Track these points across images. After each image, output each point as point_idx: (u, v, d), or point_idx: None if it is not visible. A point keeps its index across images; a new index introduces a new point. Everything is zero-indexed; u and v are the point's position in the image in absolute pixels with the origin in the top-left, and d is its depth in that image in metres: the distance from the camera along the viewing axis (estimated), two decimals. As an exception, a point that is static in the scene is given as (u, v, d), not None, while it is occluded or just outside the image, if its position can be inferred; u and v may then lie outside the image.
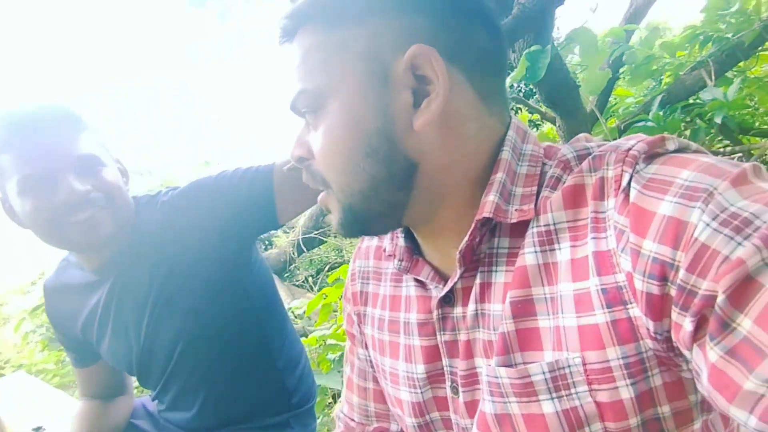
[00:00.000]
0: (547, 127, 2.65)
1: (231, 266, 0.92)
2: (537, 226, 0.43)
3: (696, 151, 0.40)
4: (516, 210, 0.44)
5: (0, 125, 0.78)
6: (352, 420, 0.66)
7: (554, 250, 0.42)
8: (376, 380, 0.63)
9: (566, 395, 0.40)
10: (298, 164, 0.50)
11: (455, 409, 0.50)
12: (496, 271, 0.45)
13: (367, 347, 0.62)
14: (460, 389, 0.48)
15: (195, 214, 0.88)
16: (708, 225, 0.33)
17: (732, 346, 0.30)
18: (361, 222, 0.47)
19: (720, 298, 0.31)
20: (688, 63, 2.31)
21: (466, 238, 0.44)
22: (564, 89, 1.28)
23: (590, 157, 0.43)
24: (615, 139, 1.51)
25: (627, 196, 0.38)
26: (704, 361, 0.32)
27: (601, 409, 0.39)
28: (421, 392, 0.52)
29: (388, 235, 0.57)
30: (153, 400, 1.06)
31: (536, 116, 2.43)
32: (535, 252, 0.43)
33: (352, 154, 0.44)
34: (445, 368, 0.50)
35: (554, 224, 0.43)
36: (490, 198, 0.44)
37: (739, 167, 0.35)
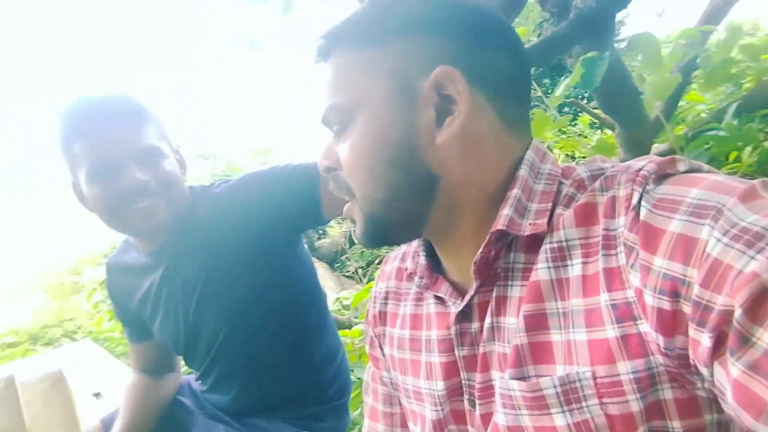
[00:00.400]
0: (605, 133, 2.53)
1: (276, 259, 0.95)
2: (550, 243, 0.44)
3: (708, 172, 0.40)
4: (530, 224, 0.45)
5: (73, 114, 0.84)
6: None
7: (567, 266, 0.43)
8: (401, 404, 0.64)
9: (577, 408, 0.40)
10: (325, 174, 0.53)
11: (472, 422, 0.50)
12: (512, 285, 0.47)
13: (389, 369, 0.63)
14: (477, 402, 0.49)
15: (244, 207, 0.92)
16: (719, 240, 0.33)
17: (754, 360, 0.30)
18: (382, 231, 0.50)
19: (737, 312, 0.31)
20: (773, 67, 2.13)
21: (481, 250, 0.46)
22: (624, 96, 1.22)
23: (602, 177, 0.44)
24: (681, 148, 1.43)
25: (637, 214, 0.39)
26: (727, 378, 0.32)
27: (612, 422, 0.39)
28: (442, 408, 0.52)
29: (410, 255, 0.58)
30: (197, 380, 1.13)
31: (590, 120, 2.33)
32: (548, 267, 0.44)
33: (375, 164, 0.47)
34: (463, 382, 0.51)
35: (566, 241, 0.44)
36: (505, 212, 0.45)
37: (748, 183, 0.35)
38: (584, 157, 2.36)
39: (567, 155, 3.33)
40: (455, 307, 0.50)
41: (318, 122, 0.52)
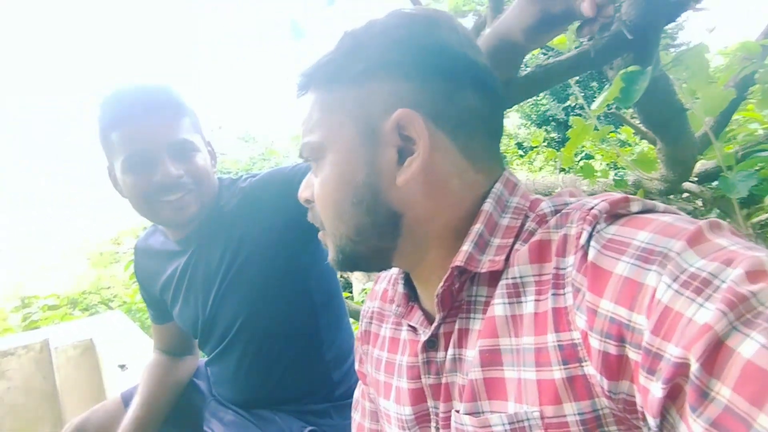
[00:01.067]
0: (646, 146, 2.44)
1: (294, 255, 0.97)
2: (506, 278, 0.45)
3: (664, 212, 0.40)
4: (489, 260, 0.46)
5: (113, 103, 0.87)
6: None
7: (521, 302, 0.44)
8: None
9: None
10: (305, 205, 0.56)
11: None
12: (473, 318, 0.48)
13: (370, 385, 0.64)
14: (441, 430, 0.50)
15: (267, 203, 0.95)
16: (669, 287, 0.33)
17: (715, 417, 0.29)
18: (351, 261, 0.52)
19: (695, 367, 0.30)
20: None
21: (442, 284, 0.47)
22: (666, 113, 1.17)
23: (558, 214, 0.45)
24: (729, 167, 1.35)
25: (585, 254, 0.39)
26: (656, 411, 0.32)
27: None
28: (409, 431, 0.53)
29: (392, 281, 0.60)
30: (206, 365, 1.16)
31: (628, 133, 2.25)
32: (504, 303, 0.44)
33: (340, 203, 0.49)
34: (430, 409, 0.51)
35: (521, 277, 0.44)
36: (465, 248, 0.46)
37: (695, 225, 0.35)
38: (623, 168, 2.28)
39: (608, 165, 3.23)
40: (424, 335, 0.51)
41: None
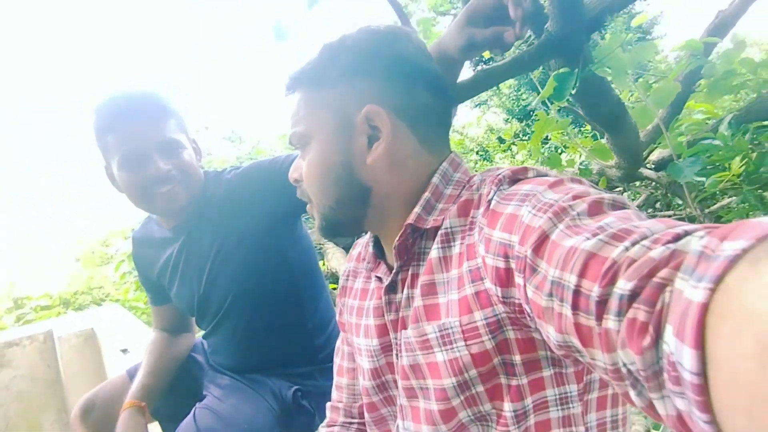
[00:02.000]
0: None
1: (276, 237, 1.11)
2: (442, 229, 0.58)
3: (548, 176, 0.52)
4: (432, 219, 0.60)
5: (106, 110, 0.99)
6: (340, 402, 0.79)
7: (451, 246, 0.57)
8: None
9: (450, 348, 0.54)
10: (294, 184, 0.69)
11: (397, 370, 0.64)
12: (421, 264, 0.60)
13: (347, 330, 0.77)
14: (398, 355, 0.63)
15: (250, 192, 1.08)
16: (529, 212, 0.45)
17: (537, 283, 0.41)
18: (333, 227, 0.65)
19: (528, 252, 0.43)
20: (775, 80, 2.17)
21: (398, 238, 0.60)
22: (605, 106, 1.33)
23: (480, 180, 0.59)
24: (679, 154, 1.53)
25: (489, 204, 0.52)
26: (526, 299, 0.44)
27: (474, 358, 0.52)
28: (377, 359, 0.67)
29: (365, 244, 0.74)
30: (204, 338, 1.29)
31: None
32: (438, 248, 0.58)
33: (323, 180, 0.63)
34: (392, 341, 0.65)
35: (450, 228, 0.57)
36: (416, 210, 0.60)
37: (561, 177, 0.50)
38: (584, 160, 2.45)
39: (577, 155, 3.40)
40: (386, 281, 0.64)
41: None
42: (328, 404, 0.83)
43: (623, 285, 0.32)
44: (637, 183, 2.77)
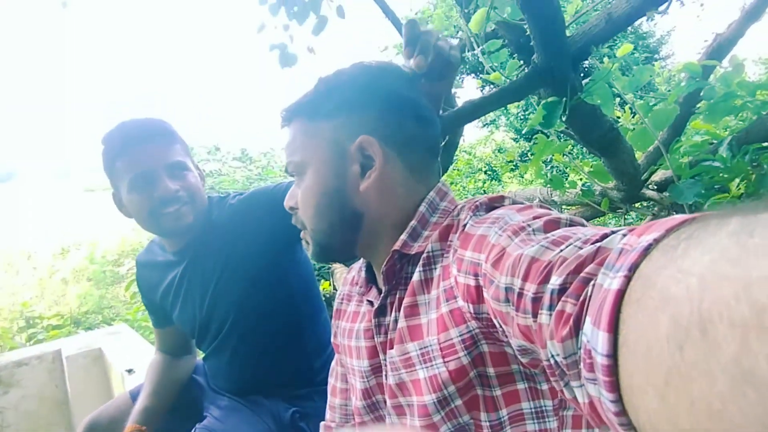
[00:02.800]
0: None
1: (276, 262, 1.14)
2: (425, 254, 0.61)
3: (521, 203, 0.56)
4: (418, 245, 0.62)
5: (115, 138, 1.05)
6: (333, 422, 0.81)
7: (432, 269, 0.60)
8: None
9: (430, 366, 0.56)
10: (290, 212, 0.72)
11: (386, 390, 0.66)
12: (407, 288, 0.63)
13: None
14: (387, 374, 0.65)
15: (252, 218, 1.12)
16: (495, 233, 0.49)
17: (492, 293, 0.45)
18: (326, 252, 0.69)
19: (487, 267, 0.47)
20: (775, 102, 2.18)
21: (385, 263, 0.63)
22: (597, 131, 1.36)
23: (460, 207, 0.62)
24: (679, 176, 1.55)
25: (464, 228, 0.56)
26: (493, 312, 0.47)
27: (452, 375, 0.54)
28: (368, 380, 0.69)
29: (358, 270, 0.77)
30: (204, 360, 1.31)
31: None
32: (420, 271, 0.61)
33: (318, 206, 0.66)
34: (382, 362, 0.67)
35: (432, 251, 0.60)
36: (402, 237, 0.63)
37: (530, 204, 0.54)
38: (586, 182, 2.47)
39: (579, 177, 3.42)
40: (376, 305, 0.67)
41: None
42: (322, 424, 0.85)
43: (554, 281, 0.35)
44: (641, 204, 2.78)
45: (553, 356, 0.35)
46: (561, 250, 0.38)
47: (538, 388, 0.55)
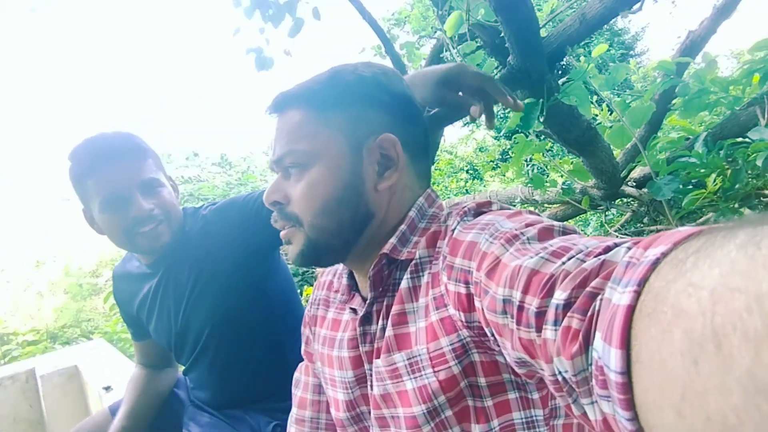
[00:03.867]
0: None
1: (252, 270, 1.11)
2: (413, 261, 0.60)
3: (508, 209, 0.56)
4: (407, 251, 0.61)
5: (84, 155, 0.99)
6: None
7: (420, 276, 0.59)
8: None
9: (419, 376, 0.55)
10: (271, 207, 0.65)
11: (371, 401, 0.64)
12: (395, 295, 0.61)
13: (316, 361, 0.77)
14: (372, 384, 0.63)
15: (226, 227, 1.09)
16: (486, 240, 0.48)
17: (487, 303, 0.44)
18: (317, 254, 0.63)
19: (481, 276, 0.46)
20: (746, 97, 2.23)
21: (373, 267, 0.61)
22: (575, 131, 1.36)
23: (447, 213, 0.62)
24: (657, 172, 1.56)
25: (452, 234, 0.55)
26: (486, 322, 0.46)
27: (442, 385, 0.53)
28: (352, 391, 0.67)
29: (337, 274, 0.74)
30: (184, 374, 1.28)
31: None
32: (407, 278, 0.59)
33: (328, 201, 0.60)
34: (367, 372, 0.65)
35: (420, 259, 0.59)
36: (392, 240, 0.61)
37: (519, 210, 0.53)
38: (567, 180, 2.49)
39: (560, 175, 3.46)
40: (361, 313, 0.65)
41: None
42: None
43: (559, 295, 0.35)
44: (621, 200, 2.81)
45: (560, 372, 0.34)
46: (563, 263, 0.37)
47: (529, 398, 0.54)
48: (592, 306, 0.31)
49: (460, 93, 0.78)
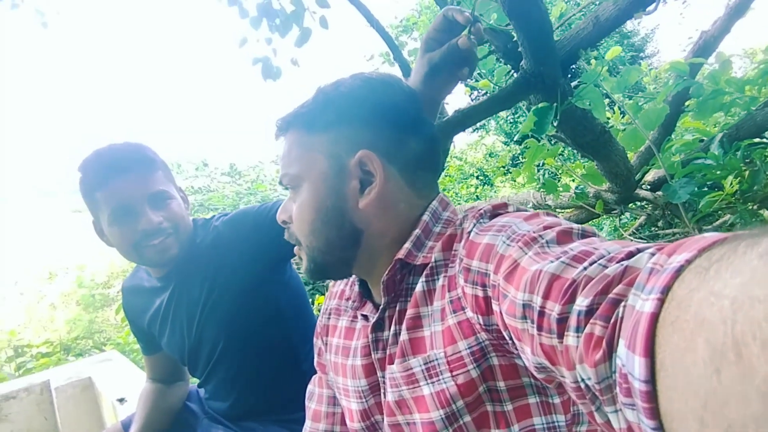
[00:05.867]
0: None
1: (263, 282, 1.10)
2: (429, 265, 0.59)
3: (525, 211, 0.55)
4: (422, 256, 0.60)
5: (93, 167, 0.99)
6: None
7: (435, 279, 0.58)
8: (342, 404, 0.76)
9: (437, 381, 0.54)
10: (282, 226, 0.68)
11: (385, 408, 0.63)
12: (409, 300, 0.60)
13: (329, 372, 0.76)
14: (385, 391, 0.62)
15: (237, 239, 1.08)
16: (503, 242, 0.48)
17: (506, 307, 0.44)
18: (321, 269, 0.65)
19: (500, 279, 0.45)
20: (762, 97, 2.19)
21: (387, 272, 0.61)
22: (588, 135, 1.34)
23: (463, 216, 0.61)
24: (672, 175, 1.54)
25: (469, 237, 0.54)
26: (504, 325, 0.45)
27: (461, 389, 0.52)
28: (366, 400, 0.66)
29: (350, 283, 0.73)
30: (198, 387, 1.27)
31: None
32: (422, 282, 0.59)
33: (314, 221, 0.62)
34: (380, 379, 0.64)
35: (435, 262, 0.59)
36: (406, 245, 0.61)
37: (537, 211, 0.52)
38: (580, 184, 2.46)
39: (572, 179, 3.42)
40: (373, 319, 0.64)
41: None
42: None
43: (581, 302, 0.34)
44: (635, 204, 2.77)
45: (583, 380, 0.34)
46: (584, 268, 0.37)
47: (550, 402, 0.53)
48: (615, 313, 0.31)
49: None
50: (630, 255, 0.34)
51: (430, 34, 0.77)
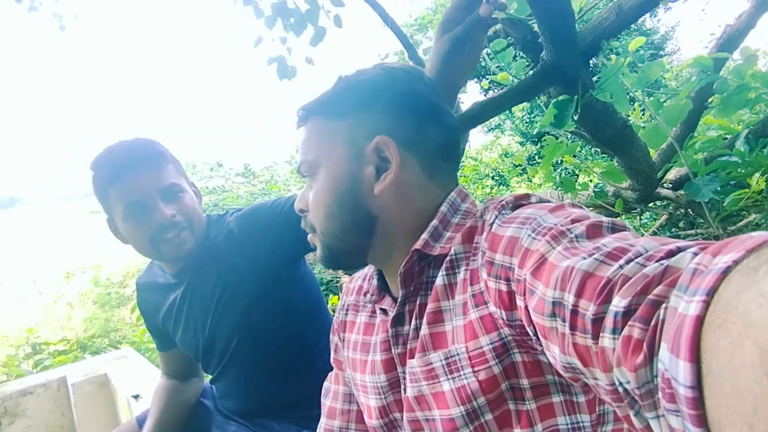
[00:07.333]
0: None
1: (278, 278, 1.09)
2: (448, 257, 0.57)
3: (549, 202, 0.53)
4: (440, 247, 0.59)
5: (104, 164, 0.99)
6: None
7: (456, 273, 0.57)
8: (357, 402, 0.74)
9: (457, 376, 0.52)
10: (299, 214, 0.68)
11: (404, 403, 0.62)
12: (429, 294, 0.59)
13: (346, 368, 0.74)
14: (405, 386, 0.60)
15: (251, 235, 1.07)
16: (529, 235, 0.46)
17: (534, 304, 0.41)
18: (336, 257, 0.65)
19: (527, 275, 0.43)
20: (789, 93, 2.12)
21: (404, 264, 0.59)
22: (610, 130, 1.31)
23: (484, 208, 0.59)
24: (695, 173, 1.50)
25: (491, 229, 0.53)
26: (529, 321, 0.44)
27: (482, 386, 0.51)
28: (385, 397, 0.64)
29: (367, 277, 0.72)
30: (211, 383, 1.27)
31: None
32: (443, 275, 0.57)
33: (329, 206, 0.62)
34: (400, 375, 0.62)
35: (455, 254, 0.57)
36: (423, 236, 0.59)
37: (562, 202, 0.50)
38: (598, 183, 2.41)
39: (590, 178, 3.36)
40: (392, 313, 0.63)
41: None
42: None
43: (618, 302, 0.32)
44: (656, 203, 2.71)
45: (621, 384, 0.32)
46: (620, 267, 0.35)
47: (574, 401, 0.51)
48: (656, 315, 0.29)
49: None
50: (670, 254, 0.33)
51: (448, 15, 0.77)
